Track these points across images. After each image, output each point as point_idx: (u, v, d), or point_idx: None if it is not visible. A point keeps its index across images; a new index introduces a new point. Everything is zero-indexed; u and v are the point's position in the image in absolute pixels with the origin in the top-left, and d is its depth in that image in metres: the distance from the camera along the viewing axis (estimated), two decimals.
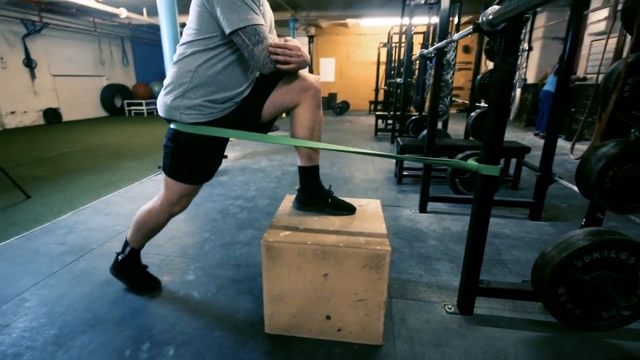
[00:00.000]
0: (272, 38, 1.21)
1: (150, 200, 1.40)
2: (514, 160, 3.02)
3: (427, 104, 3.98)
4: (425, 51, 2.12)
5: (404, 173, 3.27)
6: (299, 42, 1.23)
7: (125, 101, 10.02)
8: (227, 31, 1.03)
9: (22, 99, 7.43)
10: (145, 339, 1.27)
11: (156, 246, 1.93)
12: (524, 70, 5.62)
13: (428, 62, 3.25)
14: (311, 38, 10.29)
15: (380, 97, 9.61)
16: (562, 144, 5.15)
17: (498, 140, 1.17)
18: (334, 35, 11.44)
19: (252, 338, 1.28)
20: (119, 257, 1.51)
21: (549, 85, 5.57)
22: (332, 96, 11.23)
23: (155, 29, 8.94)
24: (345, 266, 1.17)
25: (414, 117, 4.71)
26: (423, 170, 2.43)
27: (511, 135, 6.01)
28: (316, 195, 1.39)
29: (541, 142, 2.01)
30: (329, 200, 1.39)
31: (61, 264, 1.76)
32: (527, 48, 4.04)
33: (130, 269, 1.53)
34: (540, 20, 7.14)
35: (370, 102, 10.42)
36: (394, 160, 4.08)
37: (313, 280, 1.21)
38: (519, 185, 3.04)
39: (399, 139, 3.24)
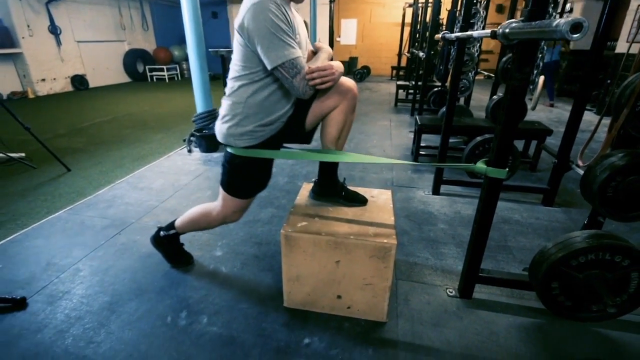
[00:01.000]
0: (307, 49, 1.26)
1: (209, 203, 1.52)
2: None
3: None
4: (448, 35, 2.06)
5: (421, 152, 3.29)
6: (330, 50, 1.28)
7: (147, 67, 10.12)
8: (269, 67, 1.12)
9: (51, 66, 7.66)
10: (182, 307, 1.49)
11: None
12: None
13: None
14: None
15: (404, 63, 9.24)
16: (589, 118, 4.92)
17: (507, 145, 1.22)
18: None
19: (273, 310, 1.47)
20: (161, 233, 1.68)
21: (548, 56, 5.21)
22: (353, 60, 10.83)
23: None
24: (355, 255, 1.31)
25: (436, 89, 4.59)
26: (438, 153, 2.46)
27: (538, 107, 5.75)
28: (332, 187, 1.51)
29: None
30: (343, 192, 1.50)
31: (105, 237, 2.00)
32: (564, 10, 3.58)
33: (169, 245, 1.72)
34: None
35: (393, 68, 10.04)
36: (411, 136, 4.07)
37: (326, 265, 1.36)
38: (538, 166, 3.02)
39: (417, 117, 3.23)
